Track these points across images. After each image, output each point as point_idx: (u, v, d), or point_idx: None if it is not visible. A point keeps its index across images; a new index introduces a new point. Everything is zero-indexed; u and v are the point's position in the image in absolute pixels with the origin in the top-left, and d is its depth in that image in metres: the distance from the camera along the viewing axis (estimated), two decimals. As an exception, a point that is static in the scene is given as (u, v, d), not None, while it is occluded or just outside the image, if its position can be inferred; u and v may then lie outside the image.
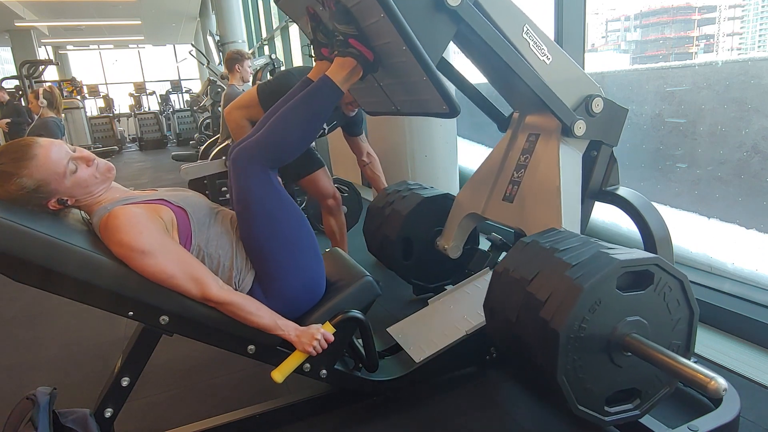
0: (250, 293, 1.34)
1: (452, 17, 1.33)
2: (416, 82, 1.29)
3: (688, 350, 1.25)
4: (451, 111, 1.29)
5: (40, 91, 4.18)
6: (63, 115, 4.38)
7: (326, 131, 2.35)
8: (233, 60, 3.77)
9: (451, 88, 1.45)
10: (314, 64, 1.61)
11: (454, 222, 2.01)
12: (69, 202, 1.22)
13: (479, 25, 1.37)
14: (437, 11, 1.31)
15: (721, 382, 0.95)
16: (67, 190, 1.20)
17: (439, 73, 1.26)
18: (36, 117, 4.27)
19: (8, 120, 6.39)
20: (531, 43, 1.49)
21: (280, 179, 2.18)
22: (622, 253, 1.15)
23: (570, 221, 1.53)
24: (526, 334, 1.21)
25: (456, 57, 1.89)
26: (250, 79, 3.86)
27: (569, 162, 1.60)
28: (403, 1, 1.25)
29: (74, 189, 1.21)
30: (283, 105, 1.44)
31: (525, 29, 1.48)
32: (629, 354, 1.16)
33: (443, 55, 1.47)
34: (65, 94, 10.52)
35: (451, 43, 1.45)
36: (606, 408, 1.21)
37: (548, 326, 1.12)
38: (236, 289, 1.32)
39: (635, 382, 1.22)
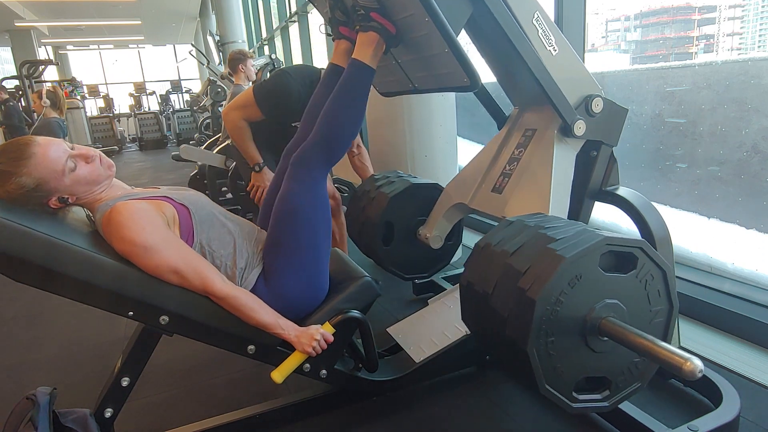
0: (253, 289, 1.34)
1: None
2: (437, 56, 1.31)
3: None
4: (472, 83, 1.31)
5: (44, 91, 4.18)
6: (66, 116, 4.39)
7: None
8: (237, 60, 3.77)
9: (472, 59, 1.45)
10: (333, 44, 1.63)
11: (440, 211, 2.01)
12: (70, 200, 1.22)
13: (494, 4, 1.39)
14: None
15: (697, 363, 0.92)
16: (66, 188, 1.20)
17: (460, 44, 1.27)
18: (39, 117, 4.28)
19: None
20: (540, 31, 1.50)
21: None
22: (609, 233, 1.13)
23: (557, 213, 1.52)
24: (501, 305, 1.16)
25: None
26: (254, 78, 3.87)
27: (562, 158, 1.60)
28: None
29: (74, 187, 1.21)
30: (319, 98, 1.49)
31: (535, 16, 1.49)
32: (605, 338, 1.13)
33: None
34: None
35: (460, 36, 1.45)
36: (574, 394, 1.17)
37: (525, 295, 1.08)
38: (239, 286, 1.32)
39: (607, 371, 1.19)
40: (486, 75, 1.77)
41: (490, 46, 1.65)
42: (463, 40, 1.58)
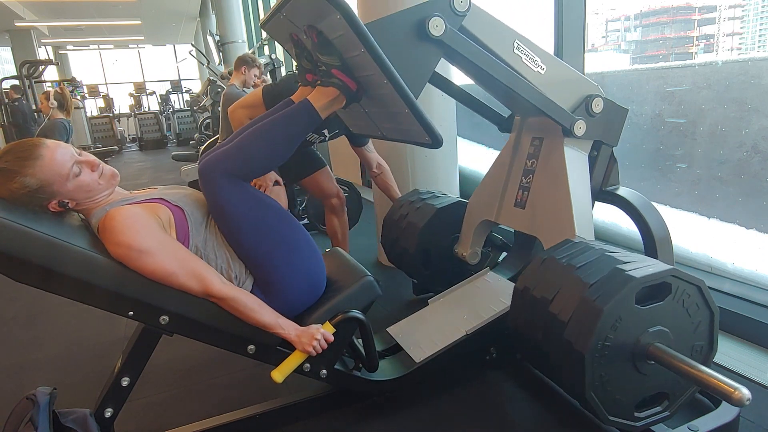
0: (251, 290, 1.34)
1: (437, 45, 1.33)
2: (399, 113, 1.28)
3: (711, 349, 1.28)
4: (434, 142, 1.28)
5: (52, 92, 4.20)
6: (71, 116, 4.39)
7: (327, 138, 2.35)
8: (244, 61, 3.72)
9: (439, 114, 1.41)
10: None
11: (469, 229, 2.03)
12: (70, 205, 1.23)
13: (467, 50, 1.36)
14: (420, 42, 1.31)
15: (745, 392, 0.99)
16: (69, 193, 1.21)
17: (419, 107, 1.23)
18: (45, 118, 4.28)
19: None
20: (523, 57, 1.49)
21: (279, 180, 2.18)
22: (639, 267, 1.18)
23: (583, 226, 1.54)
24: (553, 353, 1.25)
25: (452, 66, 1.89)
26: (251, 85, 3.84)
27: (576, 165, 1.61)
28: (384, 33, 1.25)
29: (76, 192, 1.22)
30: (257, 120, 1.42)
31: (516, 45, 1.48)
32: (653, 362, 1.19)
33: (437, 69, 1.47)
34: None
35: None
36: (636, 414, 1.25)
37: (573, 348, 1.16)
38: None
39: (662, 387, 1.26)
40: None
41: (475, 75, 1.65)
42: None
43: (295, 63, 1.64)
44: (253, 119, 2.15)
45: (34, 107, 7.77)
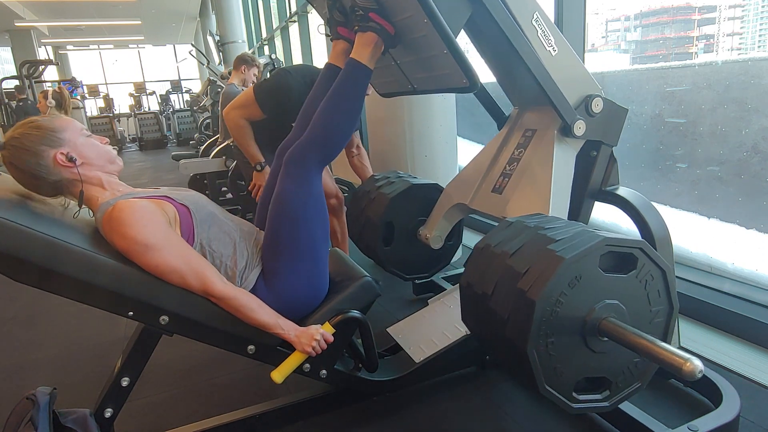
0: (253, 290, 1.34)
1: None
2: (436, 57, 1.30)
3: None
4: (471, 84, 1.30)
5: (50, 92, 4.22)
6: (70, 115, 4.40)
7: None
8: (244, 61, 3.73)
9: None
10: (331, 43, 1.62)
11: (440, 211, 2.01)
12: (77, 162, 1.22)
13: (493, 5, 1.38)
14: None
15: (697, 363, 0.92)
16: (78, 146, 1.23)
17: (458, 45, 1.26)
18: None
19: None
20: (539, 31, 1.50)
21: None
22: (608, 233, 1.13)
23: (557, 214, 1.52)
24: (501, 306, 1.16)
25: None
26: (251, 83, 3.85)
27: (563, 158, 1.60)
28: None
29: (85, 148, 1.24)
30: (315, 98, 1.48)
31: (535, 16, 1.49)
32: (604, 339, 1.13)
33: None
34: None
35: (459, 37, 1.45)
36: (574, 394, 1.17)
37: (525, 296, 1.08)
38: (239, 287, 1.32)
39: (607, 371, 1.19)
40: (485, 75, 1.77)
41: (490, 46, 1.65)
42: (462, 40, 1.58)
43: (324, 21, 1.65)
44: (249, 119, 2.18)
45: (20, 104, 7.80)
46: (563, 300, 1.08)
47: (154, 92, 14.70)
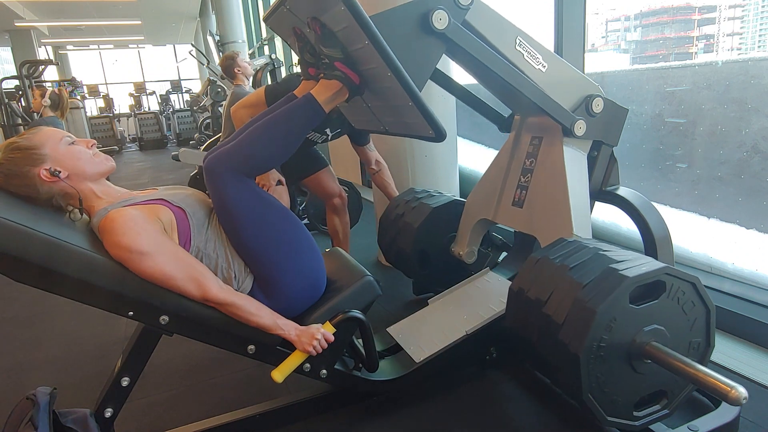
0: (251, 293, 1.34)
1: (440, 39, 1.33)
2: (402, 106, 1.28)
3: (708, 345, 1.28)
4: (437, 135, 1.27)
5: (48, 91, 4.18)
6: (66, 117, 4.38)
7: (330, 138, 2.35)
8: (229, 65, 3.73)
9: (441, 107, 1.42)
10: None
11: (466, 228, 2.03)
12: (62, 175, 1.21)
13: (469, 44, 1.36)
14: (424, 35, 1.31)
15: (741, 390, 0.98)
16: (60, 157, 1.21)
17: (423, 100, 1.23)
18: (37, 116, 4.27)
19: None
20: (525, 54, 1.50)
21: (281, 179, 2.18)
22: (632, 267, 1.17)
23: (580, 225, 1.54)
24: (549, 354, 1.24)
25: (454, 64, 1.89)
26: (252, 71, 3.85)
27: (575, 164, 1.61)
28: (388, 25, 1.25)
29: (68, 158, 1.22)
30: (261, 116, 1.42)
31: (518, 41, 1.48)
32: (649, 362, 1.19)
33: (439, 66, 1.47)
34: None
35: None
36: (635, 413, 1.24)
37: (568, 350, 1.15)
38: (237, 290, 1.32)
39: (660, 385, 1.25)
40: (472, 79, 1.76)
41: (476, 72, 1.65)
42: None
43: (296, 59, 1.63)
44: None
45: (22, 106, 7.80)
46: (604, 343, 1.15)
47: (154, 92, 14.70)
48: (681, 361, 1.11)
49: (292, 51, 1.79)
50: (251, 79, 3.91)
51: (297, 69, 4.51)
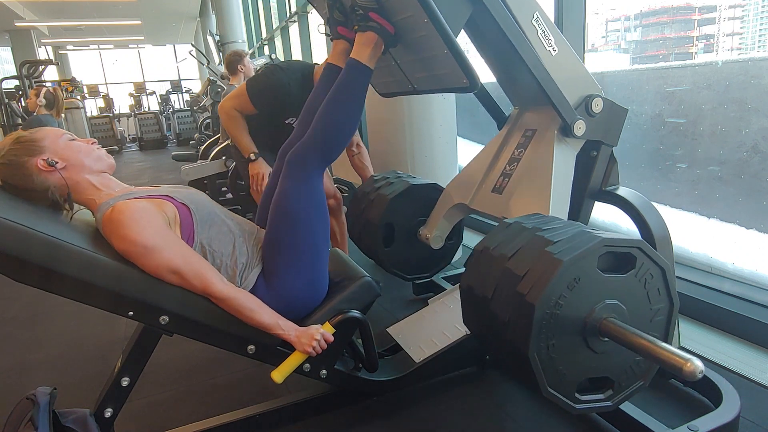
0: (253, 289, 1.34)
1: None
2: (436, 57, 1.30)
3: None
4: (471, 84, 1.30)
5: (43, 90, 4.17)
6: (63, 116, 4.38)
7: None
8: (234, 62, 3.79)
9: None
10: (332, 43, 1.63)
11: (440, 211, 2.01)
12: (58, 166, 1.22)
13: (493, 5, 1.38)
14: None
15: (697, 363, 0.92)
16: (58, 149, 1.23)
17: (459, 45, 1.26)
18: (33, 114, 4.27)
19: None
20: (539, 31, 1.50)
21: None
22: (606, 234, 1.13)
23: (558, 212, 1.52)
24: (501, 309, 1.16)
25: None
26: (253, 74, 3.87)
27: (563, 158, 1.60)
28: None
29: (67, 151, 1.24)
30: (316, 97, 1.48)
31: (535, 16, 1.49)
32: (605, 339, 1.13)
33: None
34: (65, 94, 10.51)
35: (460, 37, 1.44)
36: (577, 395, 1.17)
37: (524, 300, 1.08)
38: (239, 287, 1.32)
39: (609, 371, 1.19)
40: (485, 75, 1.77)
41: (490, 46, 1.65)
42: (463, 40, 1.58)
43: (321, 22, 1.65)
44: (240, 110, 2.17)
45: (22, 106, 7.79)
46: (563, 302, 1.08)
47: (154, 92, 14.70)
48: (638, 335, 1.05)
49: (319, 14, 1.80)
50: None
51: (275, 61, 4.52)
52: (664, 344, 1.01)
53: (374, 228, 2.05)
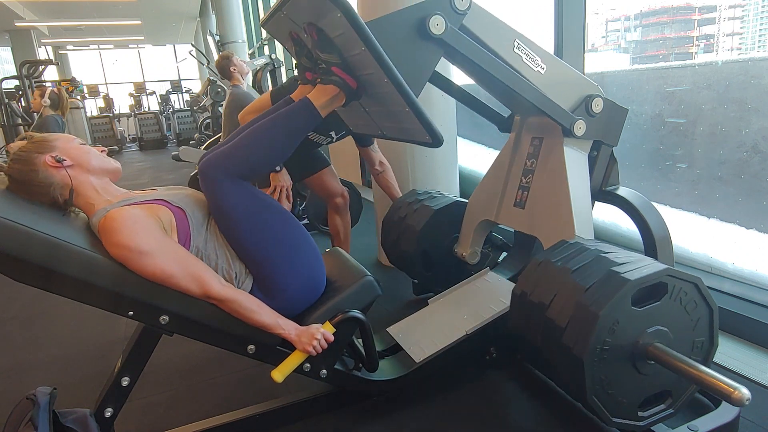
0: (251, 291, 1.34)
1: (437, 44, 1.33)
2: (400, 112, 1.27)
3: (712, 344, 1.28)
4: (434, 141, 1.27)
5: (47, 91, 4.17)
6: (66, 117, 4.38)
7: (335, 139, 2.35)
8: (225, 65, 3.73)
9: (440, 112, 1.41)
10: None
11: (469, 229, 2.03)
12: (65, 163, 1.24)
13: (467, 49, 1.36)
14: (421, 40, 1.31)
15: (744, 392, 0.98)
16: (69, 149, 1.26)
17: (420, 106, 1.23)
18: (38, 115, 4.28)
19: None
20: (524, 56, 1.49)
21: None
22: (633, 269, 1.18)
23: (582, 226, 1.54)
24: (553, 357, 1.25)
25: (453, 66, 1.89)
26: (249, 70, 3.85)
27: (575, 165, 1.61)
28: (385, 31, 1.25)
29: (76, 152, 1.27)
30: (261, 119, 1.42)
31: (516, 44, 1.48)
32: (653, 362, 1.19)
33: (437, 68, 1.46)
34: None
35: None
36: (639, 413, 1.25)
37: (571, 353, 1.15)
38: (237, 287, 1.32)
39: (664, 385, 1.26)
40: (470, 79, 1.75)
41: (475, 75, 1.65)
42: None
43: (294, 62, 1.63)
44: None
45: (22, 106, 7.79)
46: (607, 346, 1.15)
47: (154, 92, 14.70)
48: (683, 362, 1.11)
49: (290, 55, 1.79)
50: (250, 78, 3.91)
51: (275, 61, 4.50)
52: (709, 371, 1.07)
53: (411, 258, 2.13)
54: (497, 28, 1.46)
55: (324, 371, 1.42)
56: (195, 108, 11.18)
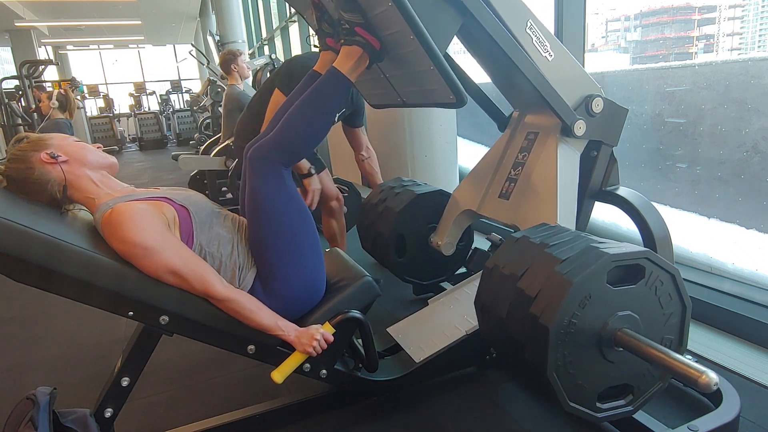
0: (251, 291, 1.34)
1: (459, 9, 1.34)
2: (423, 72, 1.29)
3: (680, 345, 1.25)
4: (458, 100, 1.28)
5: (55, 93, 4.17)
6: (73, 119, 4.38)
7: (336, 119, 2.33)
8: (228, 61, 3.75)
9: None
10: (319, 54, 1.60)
11: (449, 218, 2.01)
12: (60, 159, 1.24)
13: (484, 18, 1.37)
14: (444, 2, 1.32)
15: (712, 376, 0.94)
16: (64, 146, 1.27)
17: (446, 62, 1.25)
18: (46, 117, 4.26)
19: None
20: (534, 38, 1.49)
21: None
22: (613, 247, 1.15)
23: (565, 218, 1.53)
24: (517, 330, 1.19)
25: (460, 56, 1.89)
26: (249, 75, 3.85)
27: (567, 161, 1.60)
28: None
29: (70, 146, 1.28)
30: (292, 101, 1.44)
31: (528, 24, 1.48)
32: (620, 349, 1.15)
33: (446, 51, 1.47)
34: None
35: (454, 42, 1.44)
36: (598, 404, 1.20)
37: (538, 322, 1.11)
38: (238, 288, 1.32)
39: (627, 378, 1.21)
40: (480, 76, 1.77)
41: (484, 54, 1.65)
42: (457, 47, 1.58)
43: (313, 32, 1.65)
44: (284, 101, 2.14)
45: (32, 107, 7.77)
46: (576, 320, 1.11)
47: (154, 92, 14.70)
48: (653, 347, 1.07)
49: (308, 24, 1.79)
50: (250, 78, 3.92)
51: (275, 61, 4.48)
52: (677, 356, 1.04)
53: (385, 241, 2.09)
54: (514, 2, 1.47)
55: (324, 371, 1.42)
56: (195, 108, 11.17)
